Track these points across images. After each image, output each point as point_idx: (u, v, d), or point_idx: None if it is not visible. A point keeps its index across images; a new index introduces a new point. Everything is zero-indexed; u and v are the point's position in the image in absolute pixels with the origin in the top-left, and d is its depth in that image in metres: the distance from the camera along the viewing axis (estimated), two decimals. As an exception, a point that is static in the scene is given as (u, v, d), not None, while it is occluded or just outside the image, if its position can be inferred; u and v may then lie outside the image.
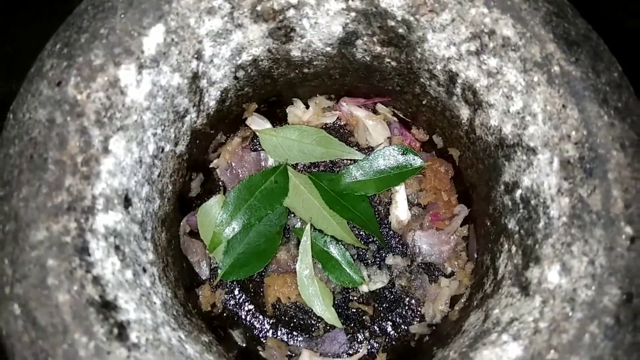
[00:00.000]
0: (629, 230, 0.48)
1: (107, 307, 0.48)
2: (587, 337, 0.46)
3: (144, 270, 0.56)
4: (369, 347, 0.75)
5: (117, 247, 0.52)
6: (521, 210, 0.57)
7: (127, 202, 0.55)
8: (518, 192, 0.57)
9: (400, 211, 0.78)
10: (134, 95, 0.54)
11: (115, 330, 0.47)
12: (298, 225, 0.78)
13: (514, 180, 0.58)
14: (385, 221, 0.78)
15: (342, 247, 0.76)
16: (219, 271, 0.74)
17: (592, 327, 0.46)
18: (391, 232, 0.78)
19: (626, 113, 0.50)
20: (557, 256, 0.50)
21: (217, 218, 0.74)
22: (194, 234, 0.75)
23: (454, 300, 0.72)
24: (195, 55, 0.58)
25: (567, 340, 0.46)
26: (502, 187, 0.61)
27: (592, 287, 0.47)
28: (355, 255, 0.78)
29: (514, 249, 0.57)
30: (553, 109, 0.52)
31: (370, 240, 0.78)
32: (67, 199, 0.49)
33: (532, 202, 0.55)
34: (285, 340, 0.76)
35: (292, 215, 0.77)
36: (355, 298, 0.77)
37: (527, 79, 0.53)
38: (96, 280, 0.48)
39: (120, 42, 0.53)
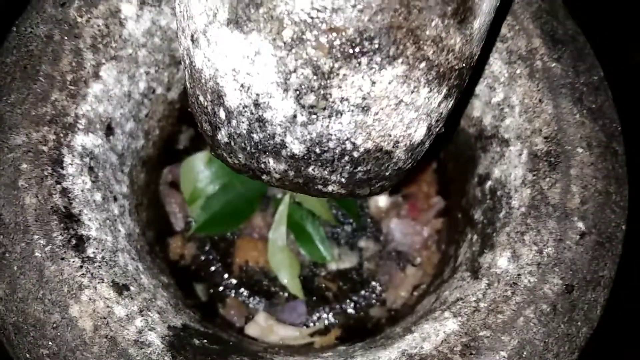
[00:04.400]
0: (580, 225, 0.49)
1: (69, 218, 0.50)
2: (521, 320, 0.47)
3: (115, 199, 0.58)
4: (326, 323, 0.76)
5: (90, 168, 0.54)
6: (488, 201, 0.58)
7: (109, 131, 0.57)
8: (488, 184, 0.59)
9: (380, 197, 0.79)
10: (132, 29, 0.56)
11: (73, 241, 0.49)
12: (279, 196, 0.80)
13: (486, 172, 0.59)
14: (364, 204, 0.79)
15: (318, 222, 0.77)
16: (193, 224, 0.76)
17: (528, 311, 0.47)
18: (368, 216, 0.79)
19: (599, 115, 0.51)
20: (509, 244, 0.51)
21: (200, 173, 0.76)
22: (175, 185, 0.77)
23: (416, 288, 0.73)
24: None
25: (501, 320, 0.47)
26: (476, 179, 0.62)
27: (535, 275, 0.48)
28: (330, 234, 0.79)
29: (475, 237, 0.59)
30: (530, 102, 0.53)
31: (347, 221, 0.80)
32: (51, 112, 0.52)
33: (498, 192, 0.56)
34: (246, 302, 0.77)
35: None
36: (322, 274, 0.78)
37: (511, 71, 0.55)
38: (64, 192, 0.51)
39: (127, -25, 0.55)
